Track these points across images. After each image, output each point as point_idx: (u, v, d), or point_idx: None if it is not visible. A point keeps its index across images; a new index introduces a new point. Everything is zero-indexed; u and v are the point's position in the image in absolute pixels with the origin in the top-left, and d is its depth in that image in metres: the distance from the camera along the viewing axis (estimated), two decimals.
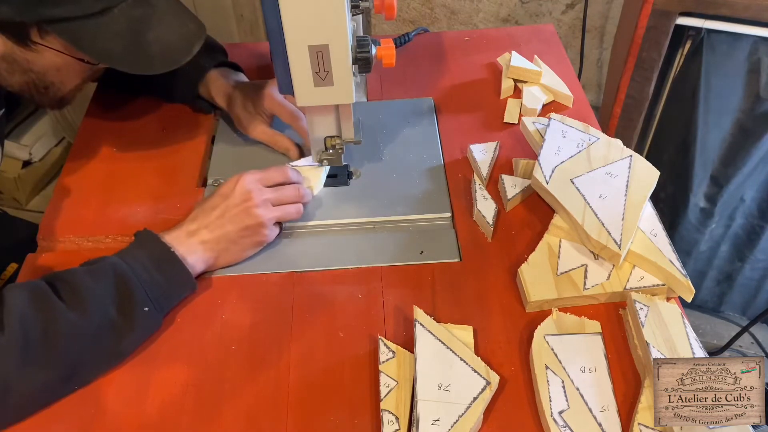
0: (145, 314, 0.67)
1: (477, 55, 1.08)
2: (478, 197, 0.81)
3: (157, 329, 0.70)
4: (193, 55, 0.75)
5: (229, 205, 0.74)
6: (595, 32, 1.82)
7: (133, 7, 0.71)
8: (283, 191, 0.78)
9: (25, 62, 0.74)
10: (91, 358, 0.65)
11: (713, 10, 1.07)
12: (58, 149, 1.79)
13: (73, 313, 0.63)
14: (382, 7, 0.74)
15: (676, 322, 0.67)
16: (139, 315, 0.66)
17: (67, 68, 0.76)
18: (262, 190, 0.76)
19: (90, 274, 0.67)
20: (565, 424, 0.60)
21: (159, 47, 0.73)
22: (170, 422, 0.63)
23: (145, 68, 0.73)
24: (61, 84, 0.79)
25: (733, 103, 1.16)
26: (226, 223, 0.73)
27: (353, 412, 0.63)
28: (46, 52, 0.72)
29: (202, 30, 0.76)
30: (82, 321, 0.63)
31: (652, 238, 0.73)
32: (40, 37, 0.71)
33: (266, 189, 0.76)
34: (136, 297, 0.66)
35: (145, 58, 0.73)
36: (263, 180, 0.77)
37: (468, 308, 0.71)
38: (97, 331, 0.64)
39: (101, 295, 0.65)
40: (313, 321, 0.71)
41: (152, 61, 0.73)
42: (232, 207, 0.74)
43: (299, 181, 0.80)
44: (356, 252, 0.78)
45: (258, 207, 0.74)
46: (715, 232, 1.33)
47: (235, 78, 0.94)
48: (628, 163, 0.79)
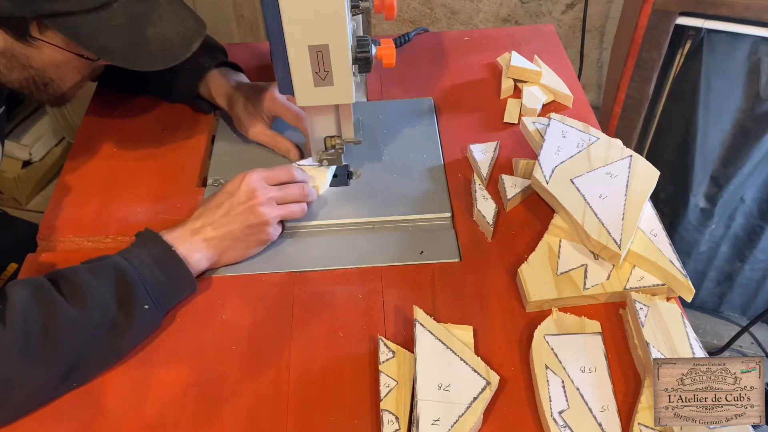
0: (145, 312, 0.67)
1: (477, 55, 1.08)
2: (478, 197, 0.81)
3: (156, 328, 0.70)
4: (192, 52, 0.75)
5: (234, 203, 0.74)
6: (595, 32, 1.82)
7: (134, 2, 0.71)
8: (287, 190, 0.78)
9: (24, 58, 0.73)
10: (90, 355, 0.65)
11: (713, 10, 1.07)
12: (58, 149, 1.79)
13: (74, 310, 0.63)
14: (382, 7, 0.74)
15: (676, 322, 0.67)
16: (140, 313, 0.67)
17: (66, 64, 0.76)
18: (267, 189, 0.76)
19: (91, 272, 0.67)
20: (565, 424, 0.60)
21: (159, 44, 0.73)
22: (170, 422, 0.63)
23: (144, 65, 0.73)
24: (61, 81, 0.79)
25: (733, 103, 1.16)
26: (231, 221, 0.73)
27: (353, 412, 0.63)
28: (45, 47, 0.72)
29: (202, 27, 0.76)
30: (82, 317, 0.63)
31: (652, 238, 0.73)
32: (40, 33, 0.71)
33: (271, 187, 0.77)
34: (136, 295, 0.66)
35: (144, 55, 0.73)
36: (268, 178, 0.77)
37: (468, 308, 0.71)
38: (98, 328, 0.64)
39: (102, 293, 0.65)
40: (313, 321, 0.71)
41: (152, 58, 0.73)
42: (237, 205, 0.74)
43: (304, 180, 0.80)
44: (356, 252, 0.78)
45: (263, 205, 0.74)
46: (715, 232, 1.33)
47: (236, 78, 0.93)
48: (628, 163, 0.79)
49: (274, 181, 0.77)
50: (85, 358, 0.65)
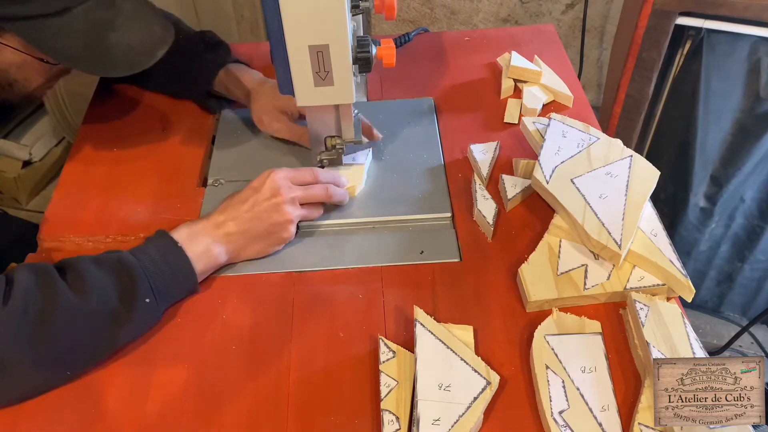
0: (146, 306, 0.67)
1: (477, 55, 1.08)
2: (478, 197, 0.81)
3: (156, 323, 0.70)
4: (157, 59, 0.75)
5: (258, 199, 0.74)
6: (595, 32, 1.82)
7: (96, 8, 0.71)
8: (311, 191, 0.78)
9: None
10: (85, 343, 0.65)
11: (713, 10, 1.07)
12: (58, 149, 1.79)
13: (74, 296, 0.64)
14: (382, 7, 0.74)
15: (676, 322, 0.67)
16: (141, 306, 0.67)
17: (27, 66, 0.76)
18: (291, 188, 0.76)
19: (96, 262, 0.67)
20: (565, 424, 0.60)
21: (121, 50, 0.73)
22: (170, 422, 0.63)
23: (105, 71, 0.74)
24: (25, 81, 0.78)
25: (733, 103, 1.16)
26: (255, 216, 0.74)
27: (353, 412, 0.63)
28: (5, 50, 0.72)
29: (168, 35, 0.76)
30: (81, 304, 0.64)
31: (652, 238, 0.73)
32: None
33: (295, 187, 0.77)
34: (139, 288, 0.66)
35: (106, 61, 0.73)
36: (294, 178, 0.77)
37: (468, 308, 0.71)
38: (96, 317, 0.64)
39: (104, 283, 0.66)
40: (313, 321, 0.71)
41: (113, 63, 0.73)
42: (262, 201, 0.74)
43: (329, 182, 0.80)
44: (356, 252, 0.78)
45: (287, 204, 0.75)
46: (715, 232, 1.33)
47: (257, 74, 0.94)
48: (629, 163, 0.79)
49: (298, 182, 0.78)
50: (80, 345, 0.65)
